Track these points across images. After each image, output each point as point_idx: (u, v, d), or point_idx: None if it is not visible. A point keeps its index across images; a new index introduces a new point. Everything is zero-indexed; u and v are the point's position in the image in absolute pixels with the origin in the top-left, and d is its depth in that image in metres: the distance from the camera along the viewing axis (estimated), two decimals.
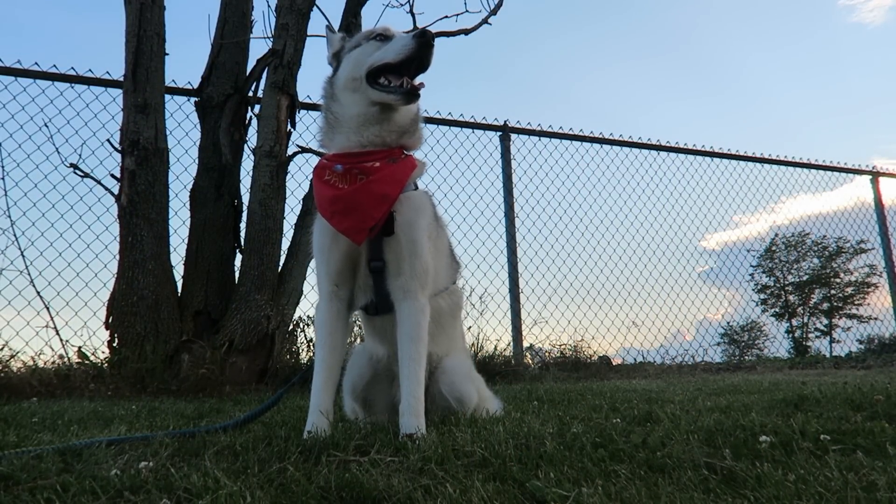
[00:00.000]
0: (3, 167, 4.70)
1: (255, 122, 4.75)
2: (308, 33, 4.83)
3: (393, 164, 1.88)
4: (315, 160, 4.25)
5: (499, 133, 6.58)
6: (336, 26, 5.38)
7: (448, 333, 2.17)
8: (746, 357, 13.11)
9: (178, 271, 4.45)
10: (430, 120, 6.29)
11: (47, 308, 4.43)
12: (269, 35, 4.89)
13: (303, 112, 5.04)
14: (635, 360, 6.78)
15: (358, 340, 4.68)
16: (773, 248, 13.30)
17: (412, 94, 1.85)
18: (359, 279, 1.95)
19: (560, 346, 6.17)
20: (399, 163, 1.90)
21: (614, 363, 6.38)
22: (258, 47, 10.86)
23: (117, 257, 4.24)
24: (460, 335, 2.31)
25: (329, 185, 1.87)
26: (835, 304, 13.53)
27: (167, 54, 4.61)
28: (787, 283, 14.16)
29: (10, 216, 4.59)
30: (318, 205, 1.93)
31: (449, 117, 6.38)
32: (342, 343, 1.95)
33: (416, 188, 1.99)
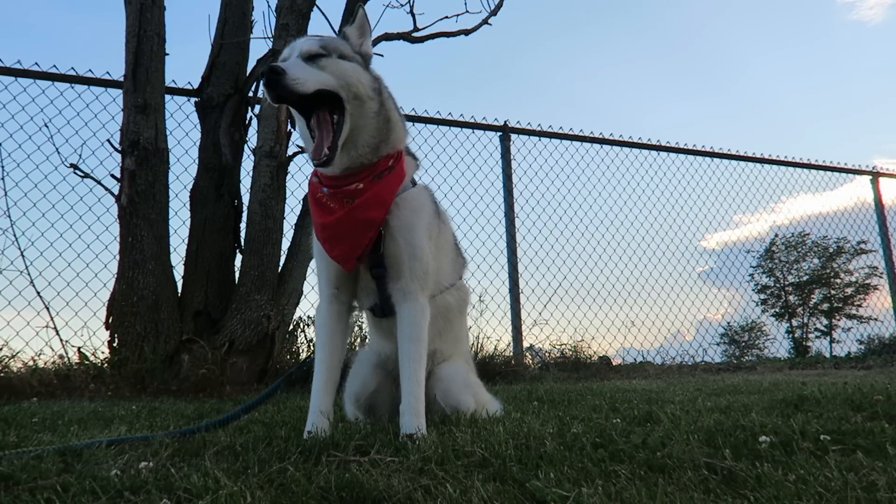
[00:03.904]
0: (3, 167, 4.70)
1: (255, 122, 4.75)
2: (308, 34, 4.83)
3: (378, 181, 1.82)
4: None
5: (499, 133, 6.58)
6: (336, 26, 5.38)
7: (456, 330, 2.17)
8: (746, 357, 13.11)
9: (178, 271, 4.46)
10: (430, 120, 6.29)
11: (47, 308, 4.43)
12: (269, 35, 4.89)
13: None
14: (635, 360, 6.78)
15: (358, 341, 4.68)
16: (773, 248, 13.30)
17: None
18: (361, 282, 1.96)
19: (560, 346, 6.17)
20: (385, 178, 1.83)
21: (614, 363, 6.38)
22: (258, 47, 10.86)
23: (117, 257, 4.24)
24: (465, 332, 2.32)
25: (320, 207, 1.86)
26: (835, 304, 13.53)
27: (167, 54, 4.62)
28: (787, 283, 14.15)
29: (10, 216, 4.59)
30: (313, 224, 1.93)
31: (449, 117, 6.37)
32: (342, 344, 1.96)
33: (414, 184, 1.97)
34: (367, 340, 4.39)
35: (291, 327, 4.71)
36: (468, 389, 2.11)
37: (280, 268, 4.51)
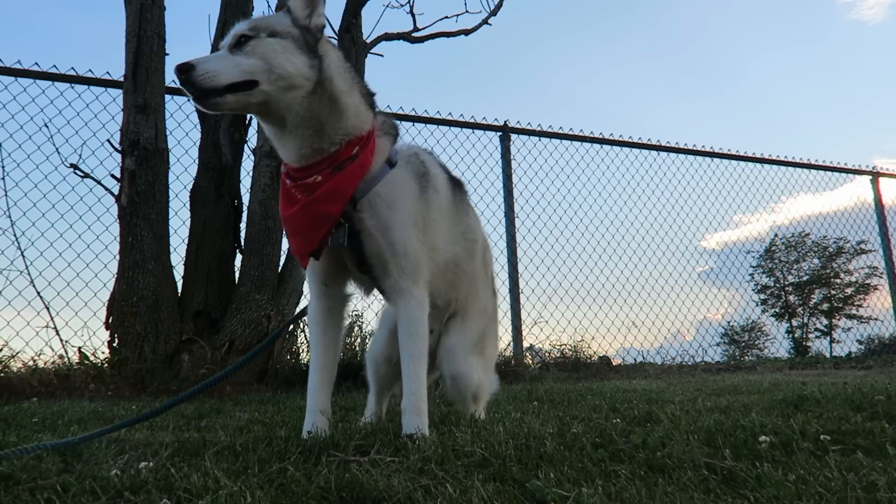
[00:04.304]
0: (3, 167, 4.70)
1: (255, 122, 4.75)
2: None
3: (338, 172, 1.69)
4: None
5: (499, 133, 6.57)
6: (336, 26, 5.38)
7: (468, 271, 2.10)
8: (746, 357, 13.11)
9: (178, 271, 4.46)
10: (430, 120, 6.29)
11: (47, 308, 4.43)
12: None
13: None
14: (635, 360, 6.77)
15: (358, 341, 4.67)
16: (773, 248, 13.30)
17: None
18: (352, 275, 1.92)
19: (560, 346, 6.17)
20: (347, 168, 1.70)
21: (614, 363, 6.37)
22: None
23: (117, 257, 4.24)
24: (480, 272, 2.20)
25: (286, 198, 1.79)
26: (835, 304, 13.53)
27: (167, 54, 4.61)
28: (787, 283, 14.16)
29: (10, 216, 4.59)
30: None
31: (449, 117, 6.37)
32: (335, 340, 1.93)
33: (392, 164, 1.81)
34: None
35: (291, 327, 4.70)
36: (471, 360, 2.07)
37: (280, 268, 4.51)
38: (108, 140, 4.57)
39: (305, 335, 4.84)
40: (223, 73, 1.59)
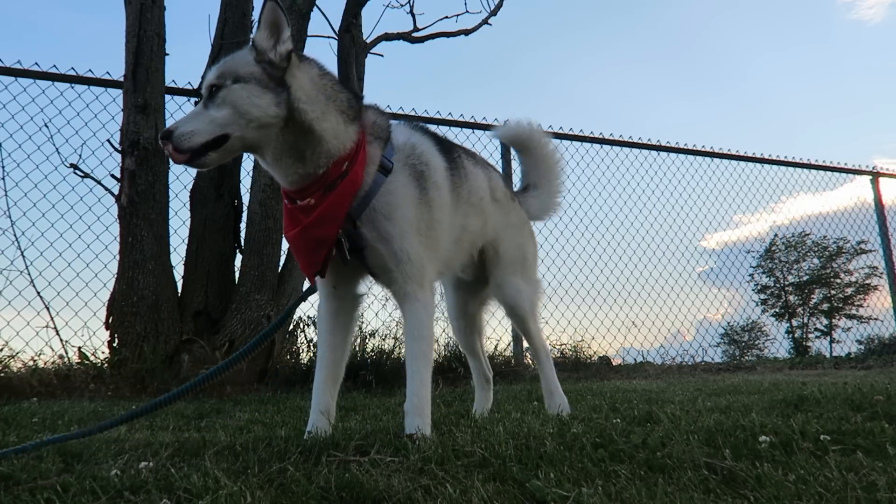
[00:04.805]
0: (3, 167, 4.70)
1: None
2: (308, 34, 4.84)
3: (330, 193, 1.71)
4: None
5: None
6: (336, 26, 5.39)
7: (476, 229, 2.20)
8: (746, 357, 13.11)
9: (178, 271, 4.46)
10: (429, 120, 6.28)
11: (47, 308, 4.43)
12: None
13: None
14: (635, 360, 6.77)
15: (358, 341, 4.67)
16: (773, 248, 13.31)
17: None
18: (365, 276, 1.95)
19: (560, 346, 6.17)
20: (339, 187, 1.71)
21: (614, 363, 6.37)
22: None
23: (117, 257, 4.24)
24: (492, 205, 2.30)
25: (288, 217, 1.82)
26: (835, 304, 13.54)
27: (167, 54, 4.62)
28: (787, 283, 14.17)
29: (10, 216, 4.59)
30: None
31: (449, 117, 6.37)
32: (343, 340, 1.94)
33: (387, 170, 1.80)
34: None
35: (291, 327, 4.71)
36: (515, 271, 2.39)
37: (280, 268, 4.51)
38: (108, 140, 4.58)
39: (305, 335, 4.84)
40: (197, 133, 1.63)
